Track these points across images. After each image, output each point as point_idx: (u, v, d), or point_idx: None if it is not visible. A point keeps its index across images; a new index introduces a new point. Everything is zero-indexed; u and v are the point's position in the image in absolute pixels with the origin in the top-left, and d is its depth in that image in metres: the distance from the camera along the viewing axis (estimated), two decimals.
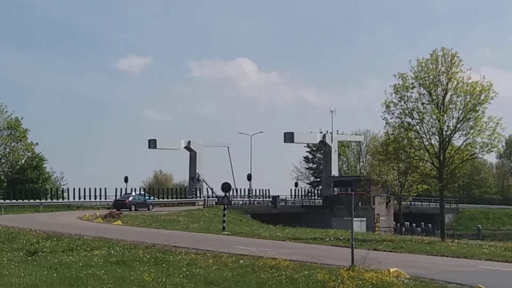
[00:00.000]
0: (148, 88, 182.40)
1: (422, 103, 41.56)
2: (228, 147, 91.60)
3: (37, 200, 64.02)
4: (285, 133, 78.55)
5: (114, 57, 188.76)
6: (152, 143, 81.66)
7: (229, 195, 47.32)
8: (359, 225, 55.93)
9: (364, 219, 60.96)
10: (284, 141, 79.05)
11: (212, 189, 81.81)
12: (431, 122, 41.46)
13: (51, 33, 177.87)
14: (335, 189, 79.82)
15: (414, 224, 73.77)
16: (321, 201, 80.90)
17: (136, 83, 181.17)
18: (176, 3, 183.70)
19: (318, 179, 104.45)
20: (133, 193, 75.69)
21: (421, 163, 44.94)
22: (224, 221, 43.88)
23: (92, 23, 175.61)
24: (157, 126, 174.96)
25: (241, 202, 75.02)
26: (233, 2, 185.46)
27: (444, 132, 41.26)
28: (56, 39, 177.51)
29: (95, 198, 70.45)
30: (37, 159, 75.32)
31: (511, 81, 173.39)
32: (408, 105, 41.67)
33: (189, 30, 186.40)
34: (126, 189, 74.37)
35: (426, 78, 41.20)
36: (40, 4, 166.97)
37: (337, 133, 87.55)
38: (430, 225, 74.27)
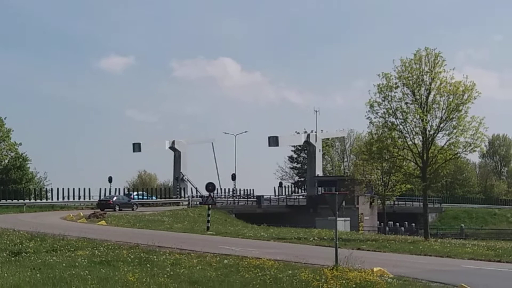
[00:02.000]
0: (131, 88, 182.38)
1: (406, 103, 41.82)
2: (212, 143, 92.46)
3: (21, 201, 63.63)
4: (269, 137, 78.03)
5: (96, 57, 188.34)
6: (137, 147, 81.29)
7: (213, 195, 47.26)
8: (343, 224, 55.99)
9: (348, 218, 61.00)
10: (269, 145, 78.46)
11: (196, 188, 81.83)
12: (415, 122, 41.72)
13: (34, 34, 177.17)
14: (319, 188, 79.86)
15: (397, 224, 74.05)
16: (305, 200, 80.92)
17: (119, 83, 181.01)
18: (157, 3, 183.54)
19: (302, 179, 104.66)
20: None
21: (404, 163, 45.17)
22: (208, 221, 43.87)
23: (73, 23, 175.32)
24: (141, 127, 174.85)
25: (225, 202, 74.89)
26: (215, 1, 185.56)
27: (427, 132, 41.50)
28: (38, 40, 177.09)
29: (79, 198, 70.11)
30: (20, 159, 74.93)
31: (494, 80, 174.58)
32: (391, 105, 41.92)
33: (171, 29, 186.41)
34: (110, 189, 74.30)
35: (409, 78, 41.44)
36: (23, 5, 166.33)
37: (321, 131, 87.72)
38: (413, 224, 74.62)
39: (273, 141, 77.93)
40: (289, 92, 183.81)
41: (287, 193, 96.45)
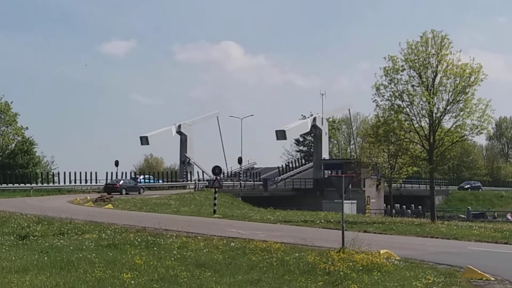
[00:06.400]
0: (135, 72, 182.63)
1: (412, 86, 41.62)
2: (217, 117, 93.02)
3: (28, 185, 63.77)
4: (276, 131, 77.89)
5: (98, 41, 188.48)
6: (144, 140, 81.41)
7: (220, 178, 47.30)
8: (349, 207, 56.06)
9: (355, 201, 61.05)
10: (277, 139, 78.56)
11: (203, 171, 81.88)
12: (421, 105, 41.53)
13: (38, 17, 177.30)
14: (326, 171, 79.91)
15: (404, 206, 74.04)
16: (311, 183, 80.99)
17: (122, 67, 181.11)
18: None
19: (308, 162, 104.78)
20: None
21: (411, 145, 45.06)
22: (215, 204, 43.91)
23: (76, 6, 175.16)
24: (146, 110, 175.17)
25: (232, 186, 74.96)
26: None
27: (434, 114, 41.35)
28: (43, 23, 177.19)
29: (86, 182, 70.29)
30: (27, 144, 75.07)
31: (500, 62, 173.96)
32: (398, 88, 41.73)
33: (172, 13, 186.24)
34: (116, 173, 74.43)
35: (416, 61, 41.22)
36: None
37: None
38: (420, 207, 74.58)
39: (281, 135, 77.78)
40: (294, 75, 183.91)
41: (295, 166, 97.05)
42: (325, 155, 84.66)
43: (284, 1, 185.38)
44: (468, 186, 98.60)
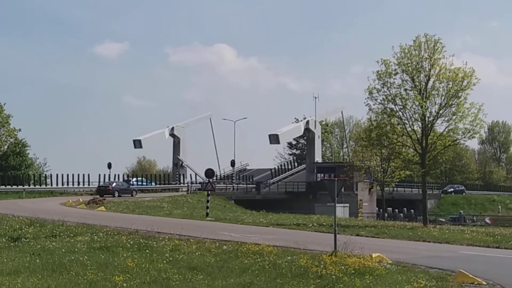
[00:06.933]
0: (127, 74, 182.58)
1: (405, 89, 41.72)
2: (210, 119, 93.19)
3: (20, 186, 63.57)
4: (270, 135, 77.91)
5: (91, 43, 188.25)
6: (138, 144, 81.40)
7: (212, 181, 47.30)
8: (342, 211, 56.08)
9: (347, 205, 61.08)
10: (270, 143, 78.55)
11: (196, 174, 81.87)
12: (414, 108, 41.63)
13: (30, 20, 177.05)
14: (319, 175, 79.96)
15: (396, 210, 74.16)
16: (304, 186, 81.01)
17: (114, 70, 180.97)
18: None
19: (301, 165, 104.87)
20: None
21: (403, 149, 45.14)
22: (207, 207, 43.91)
23: (68, 8, 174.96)
24: (139, 112, 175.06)
25: (224, 189, 74.89)
26: None
27: (426, 118, 41.44)
28: (35, 26, 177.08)
29: (78, 184, 70.02)
30: (20, 145, 74.81)
31: (492, 67, 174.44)
32: (391, 91, 41.82)
33: (164, 15, 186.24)
34: (109, 175, 74.20)
35: (409, 65, 41.32)
36: None
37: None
38: (412, 210, 74.70)
39: (274, 139, 77.77)
40: (287, 78, 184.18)
41: (287, 168, 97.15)
42: (318, 158, 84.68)
43: (277, 4, 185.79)
44: (452, 189, 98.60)
